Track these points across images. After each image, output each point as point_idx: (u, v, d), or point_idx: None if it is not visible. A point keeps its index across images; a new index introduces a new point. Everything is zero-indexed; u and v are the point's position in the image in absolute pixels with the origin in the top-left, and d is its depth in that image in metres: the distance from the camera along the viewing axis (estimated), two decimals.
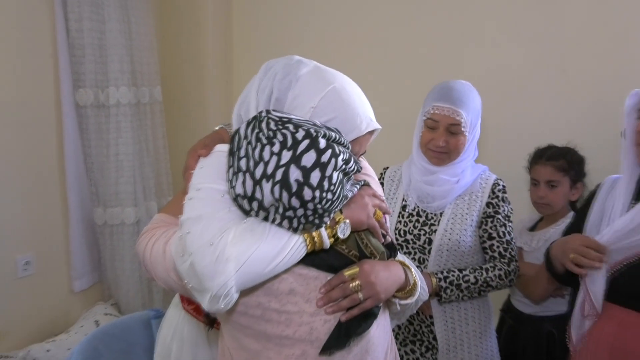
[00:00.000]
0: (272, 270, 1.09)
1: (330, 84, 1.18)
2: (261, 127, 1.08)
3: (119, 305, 2.95)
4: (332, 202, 1.07)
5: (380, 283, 1.20)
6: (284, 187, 1.03)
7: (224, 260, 1.04)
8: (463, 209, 1.92)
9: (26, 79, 2.57)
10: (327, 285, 1.18)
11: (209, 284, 1.04)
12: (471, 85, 1.95)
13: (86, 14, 2.64)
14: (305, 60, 1.24)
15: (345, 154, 1.08)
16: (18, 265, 2.61)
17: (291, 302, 1.16)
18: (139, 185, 2.94)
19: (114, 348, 2.07)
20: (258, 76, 1.23)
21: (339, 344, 1.18)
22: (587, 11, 2.40)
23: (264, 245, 1.07)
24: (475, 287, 1.84)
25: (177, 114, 3.20)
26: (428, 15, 2.72)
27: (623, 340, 1.59)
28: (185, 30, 3.13)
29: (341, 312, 1.18)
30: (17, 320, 2.62)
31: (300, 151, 1.03)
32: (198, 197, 1.13)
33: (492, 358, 2.02)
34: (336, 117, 1.16)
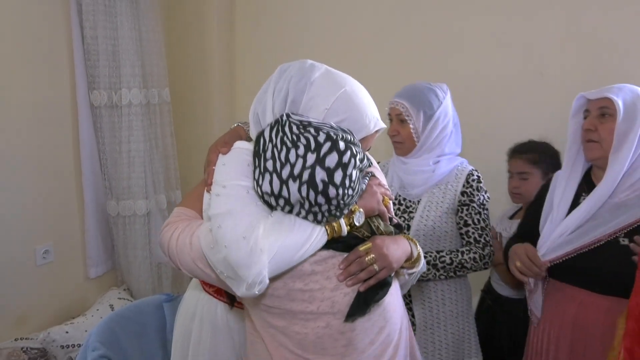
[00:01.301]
0: (299, 258, 1.17)
1: (342, 87, 1.22)
2: (284, 130, 1.14)
3: (131, 290, 3.00)
4: (352, 197, 1.16)
5: (392, 254, 1.29)
6: (310, 186, 1.10)
7: (258, 251, 1.10)
8: (438, 197, 2.00)
9: (45, 82, 2.61)
10: (345, 261, 1.25)
11: (245, 273, 1.10)
12: (438, 86, 2.03)
13: (100, 22, 2.68)
14: (317, 64, 1.27)
15: (360, 153, 1.16)
16: (37, 254, 2.66)
17: (313, 280, 1.22)
18: (149, 180, 2.97)
19: (129, 329, 2.10)
20: (274, 78, 1.26)
21: (360, 311, 1.24)
22: (564, 18, 2.44)
23: (292, 237, 1.14)
24: (450, 267, 1.92)
25: (184, 114, 3.23)
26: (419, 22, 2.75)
27: (583, 317, 1.68)
28: (192, 37, 3.15)
29: (359, 283, 1.25)
30: (37, 305, 2.67)
31: (323, 153, 1.10)
32: (225, 193, 1.18)
33: (469, 338, 2.09)
34: (348, 117, 1.21)
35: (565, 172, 1.84)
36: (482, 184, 2.01)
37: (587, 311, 1.69)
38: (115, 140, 2.86)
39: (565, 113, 2.43)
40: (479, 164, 2.60)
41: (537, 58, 2.52)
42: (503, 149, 2.59)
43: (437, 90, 2.01)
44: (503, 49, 2.57)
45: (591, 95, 1.74)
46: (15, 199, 2.55)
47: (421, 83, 2.04)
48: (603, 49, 2.39)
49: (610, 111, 1.68)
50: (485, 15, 2.59)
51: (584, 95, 1.77)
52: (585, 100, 1.78)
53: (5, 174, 2.50)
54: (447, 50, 2.70)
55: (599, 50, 2.39)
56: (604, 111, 1.70)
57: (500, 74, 2.59)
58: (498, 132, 2.63)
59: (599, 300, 1.67)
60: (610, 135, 1.67)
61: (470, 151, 2.60)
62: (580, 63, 2.44)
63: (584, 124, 1.75)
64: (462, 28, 2.65)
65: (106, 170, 2.89)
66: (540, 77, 2.53)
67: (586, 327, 1.69)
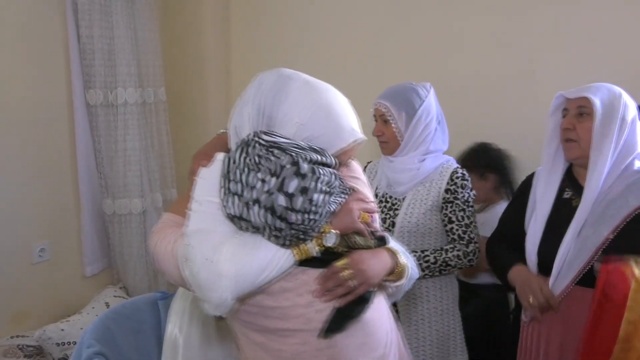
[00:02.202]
0: (263, 280, 1.12)
1: (316, 101, 1.18)
2: (249, 152, 1.10)
3: (127, 288, 2.99)
4: (316, 221, 1.10)
5: (370, 269, 1.22)
6: (270, 211, 1.06)
7: (219, 275, 1.09)
8: (423, 194, 2.01)
9: (41, 81, 2.60)
10: (321, 276, 1.19)
11: (208, 296, 1.11)
12: (420, 85, 2.03)
13: (96, 21, 2.67)
14: (295, 75, 1.23)
15: (326, 176, 1.11)
16: (34, 252, 2.65)
17: (284, 298, 1.18)
18: (145, 178, 2.97)
19: (124, 327, 2.08)
20: (251, 90, 1.22)
21: (337, 327, 1.20)
22: (555, 18, 2.43)
23: (255, 259, 1.11)
24: (435, 266, 1.92)
25: (180, 113, 3.22)
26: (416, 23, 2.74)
27: (573, 311, 1.69)
28: (187, 36, 3.15)
29: (336, 299, 1.20)
30: (34, 303, 2.66)
31: (284, 177, 1.06)
32: (199, 210, 1.16)
33: (455, 336, 2.09)
34: (323, 133, 1.17)
35: (545, 169, 1.84)
36: (468, 182, 2.01)
37: (576, 305, 1.69)
38: (111, 139, 2.85)
39: None
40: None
41: (530, 57, 2.51)
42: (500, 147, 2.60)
43: (419, 90, 2.02)
44: (500, 49, 2.57)
45: (570, 95, 1.74)
46: (12, 197, 2.54)
47: (404, 83, 2.06)
48: (595, 47, 2.38)
49: (588, 110, 1.69)
50: (482, 15, 2.59)
51: (563, 94, 1.77)
52: (564, 99, 1.78)
53: (1, 172, 2.49)
54: (444, 50, 2.70)
55: (591, 49, 2.39)
56: (581, 110, 1.70)
57: (498, 74, 2.59)
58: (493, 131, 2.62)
59: (587, 294, 1.66)
60: (588, 134, 1.68)
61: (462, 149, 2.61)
62: (573, 62, 2.43)
63: (562, 123, 1.76)
64: (459, 28, 2.65)
65: (102, 169, 2.88)
66: (532, 75, 2.52)
67: (576, 320, 1.68)
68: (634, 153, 1.70)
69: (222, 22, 3.19)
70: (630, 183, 1.67)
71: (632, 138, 1.70)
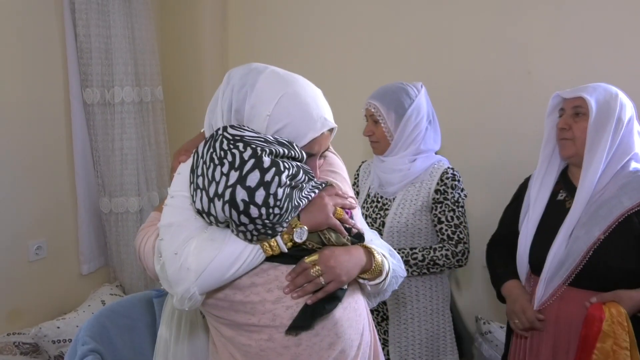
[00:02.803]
0: (232, 276, 1.12)
1: (282, 90, 1.16)
2: (215, 146, 1.08)
3: (123, 286, 2.98)
4: (280, 215, 1.07)
5: (340, 266, 1.20)
6: (232, 206, 1.04)
7: (185, 269, 1.09)
8: (413, 194, 2.01)
9: (38, 79, 2.60)
10: (291, 273, 1.19)
11: (174, 290, 1.12)
12: (411, 85, 2.04)
13: (93, 20, 2.66)
14: (262, 67, 1.22)
15: (291, 169, 1.08)
16: (30, 250, 2.64)
17: (254, 292, 1.17)
18: (142, 177, 2.97)
19: (119, 324, 2.09)
20: (222, 85, 1.22)
21: (304, 324, 1.19)
22: (550, 17, 2.43)
23: (222, 254, 1.10)
24: (422, 264, 1.92)
25: (177, 112, 3.22)
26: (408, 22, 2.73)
27: (565, 312, 1.70)
28: (184, 35, 3.14)
29: (306, 296, 1.19)
30: (30, 301, 2.65)
31: (245, 171, 1.03)
32: (171, 204, 1.16)
33: (445, 336, 2.09)
34: (291, 122, 1.15)
35: (541, 171, 1.86)
36: (458, 182, 2.00)
37: (568, 306, 1.70)
38: (108, 138, 2.84)
39: None
40: (468, 162, 2.61)
41: (525, 57, 2.51)
42: (488, 150, 2.60)
43: (409, 89, 2.02)
44: (495, 48, 2.56)
45: (566, 94, 1.75)
46: (9, 195, 2.54)
47: (395, 83, 2.07)
48: (591, 47, 2.38)
49: (584, 110, 1.70)
50: (478, 14, 2.58)
51: (559, 94, 1.78)
52: (561, 99, 1.79)
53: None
54: (439, 50, 2.69)
55: (587, 49, 2.39)
56: (577, 110, 1.72)
57: (494, 74, 2.58)
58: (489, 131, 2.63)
59: (580, 295, 1.67)
60: (584, 133, 1.69)
61: (459, 150, 2.62)
62: (569, 62, 2.43)
63: (559, 122, 1.77)
64: (454, 27, 2.64)
65: (99, 168, 2.88)
66: (527, 75, 2.52)
67: (568, 322, 1.69)
68: (630, 153, 1.70)
69: (219, 22, 3.18)
70: (624, 184, 1.66)
71: (628, 138, 1.70)
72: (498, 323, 2.62)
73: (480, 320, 2.66)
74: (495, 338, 2.57)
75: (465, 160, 2.62)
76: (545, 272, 1.72)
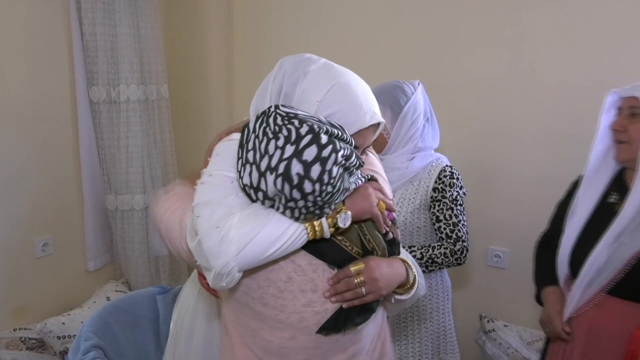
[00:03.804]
0: (272, 254, 1.08)
1: (335, 79, 1.16)
2: (269, 121, 1.07)
3: (129, 283, 2.99)
4: (331, 194, 1.06)
5: (383, 279, 1.19)
6: (285, 179, 1.02)
7: (227, 242, 1.05)
8: (411, 192, 1.98)
9: (45, 78, 2.61)
10: (334, 278, 1.18)
11: (212, 263, 1.06)
12: (407, 83, 2.00)
13: (99, 19, 2.67)
14: (315, 57, 1.22)
15: (346, 150, 1.07)
16: (37, 247, 2.66)
17: (288, 289, 1.16)
18: (147, 174, 2.97)
19: (122, 320, 2.11)
20: (273, 71, 1.23)
21: (335, 328, 1.18)
22: (554, 15, 2.40)
23: (266, 230, 1.06)
24: (421, 262, 1.89)
25: (182, 110, 3.23)
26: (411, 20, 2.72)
27: (600, 321, 1.62)
28: (190, 34, 3.14)
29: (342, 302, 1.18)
30: (36, 297, 2.67)
31: (302, 146, 1.02)
32: (209, 182, 1.14)
33: (445, 335, 2.07)
34: (340, 109, 1.15)
35: (591, 170, 1.73)
36: (457, 180, 1.96)
37: (604, 315, 1.61)
38: (113, 136, 2.85)
39: (557, 109, 2.44)
40: (471, 160, 2.60)
41: (529, 55, 2.49)
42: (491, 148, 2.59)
43: (405, 87, 1.98)
44: (499, 46, 2.55)
45: (622, 93, 1.64)
46: (16, 192, 2.55)
47: (390, 81, 2.02)
48: (596, 44, 2.35)
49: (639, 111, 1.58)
50: (481, 12, 2.56)
51: (615, 91, 1.66)
52: (617, 97, 1.67)
53: (6, 167, 2.50)
54: (441, 48, 2.67)
55: (592, 46, 2.36)
56: (633, 111, 1.60)
57: (497, 72, 2.56)
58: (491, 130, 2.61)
59: (617, 305, 1.59)
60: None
61: (462, 148, 2.61)
62: (575, 60, 2.40)
63: (613, 124, 1.66)
64: (456, 25, 2.62)
65: (105, 165, 2.88)
66: (532, 74, 2.49)
67: (601, 331, 1.61)
68: None
69: (224, 20, 3.18)
70: None
71: None
72: (502, 321, 2.62)
73: (484, 318, 2.65)
74: (499, 336, 2.56)
75: (469, 158, 2.62)
76: (582, 275, 1.61)
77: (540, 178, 2.51)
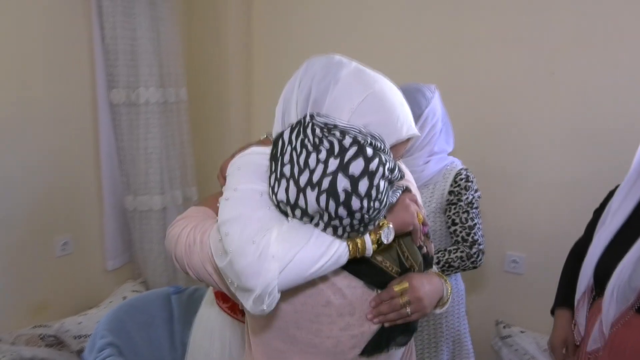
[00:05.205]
0: (314, 273, 0.99)
1: (371, 87, 1.06)
2: (306, 133, 0.97)
3: (147, 283, 3.01)
4: (379, 210, 0.98)
5: (427, 298, 1.15)
6: (331, 196, 0.93)
7: (269, 257, 0.95)
8: (426, 196, 1.96)
9: (66, 80, 2.64)
10: (377, 298, 1.12)
11: (252, 283, 0.94)
12: (426, 87, 1.98)
13: (119, 23, 2.69)
14: (346, 60, 1.12)
15: (390, 162, 0.98)
16: (57, 246, 2.68)
17: (325, 313, 1.09)
18: (166, 176, 2.98)
19: (137, 319, 2.13)
20: (299, 73, 1.12)
21: (379, 349, 1.14)
22: (575, 17, 2.36)
23: (308, 247, 0.97)
24: (437, 267, 1.87)
25: (201, 112, 3.24)
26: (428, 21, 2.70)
27: (622, 338, 1.52)
28: (209, 37, 3.16)
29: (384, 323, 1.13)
30: (56, 295, 2.70)
31: (348, 159, 0.93)
32: (235, 197, 1.02)
33: (460, 339, 2.05)
34: (376, 120, 1.04)
35: (630, 180, 1.64)
36: (472, 184, 1.94)
37: (630, 334, 1.51)
38: (133, 138, 2.87)
39: (576, 112, 2.39)
40: (487, 164, 2.57)
41: (549, 57, 2.45)
42: (510, 151, 2.55)
43: (425, 91, 1.97)
44: (517, 48, 2.51)
45: None
46: (37, 192, 2.58)
47: (409, 84, 2.00)
48: (616, 45, 2.30)
49: None
50: (498, 12, 2.53)
51: None
52: None
53: (28, 168, 2.53)
54: (458, 49, 2.65)
55: (611, 48, 2.31)
56: None
57: (515, 74, 2.52)
58: (509, 133, 2.58)
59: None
60: None
61: (478, 151, 2.57)
62: (595, 62, 2.36)
63: None
64: (473, 26, 2.60)
65: (124, 167, 2.90)
66: (551, 76, 2.45)
67: (624, 350, 1.52)
68: None
69: (243, 24, 3.20)
70: None
71: None
72: (518, 327, 2.57)
73: (500, 324, 2.61)
74: (515, 342, 2.51)
75: (486, 161, 2.58)
76: (609, 291, 1.53)
77: (558, 182, 2.47)
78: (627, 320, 1.52)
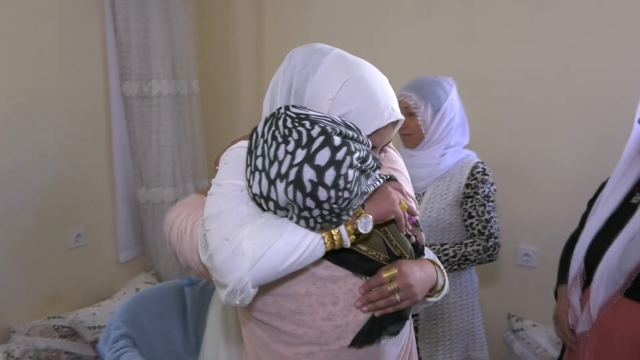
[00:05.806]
0: (288, 268, 0.99)
1: (349, 74, 1.05)
2: (278, 124, 0.97)
3: (159, 274, 3.02)
4: (349, 200, 0.95)
5: (418, 284, 1.11)
6: (297, 187, 0.92)
7: (240, 255, 0.95)
8: (442, 189, 1.96)
9: (79, 73, 2.64)
10: (365, 285, 1.09)
11: (226, 279, 0.96)
12: (444, 79, 1.98)
13: (132, 15, 2.69)
14: (326, 48, 1.11)
15: (362, 152, 0.97)
16: (70, 238, 2.70)
17: (306, 304, 1.08)
18: (178, 168, 2.99)
19: (151, 311, 2.13)
20: (283, 65, 1.13)
21: (370, 339, 1.11)
22: (588, 10, 2.34)
23: (281, 241, 0.97)
24: (454, 260, 1.87)
25: (213, 105, 3.23)
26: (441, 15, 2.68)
27: (612, 322, 1.57)
28: (221, 30, 3.15)
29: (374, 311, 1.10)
30: (70, 286, 2.72)
31: (314, 149, 0.92)
32: (217, 192, 1.04)
33: (474, 332, 2.05)
34: (355, 108, 1.04)
35: (620, 170, 1.70)
36: (489, 177, 1.94)
37: (618, 317, 1.57)
38: (145, 130, 2.87)
39: (589, 106, 2.37)
40: (501, 158, 2.55)
41: (562, 51, 2.42)
42: (524, 144, 2.53)
43: (444, 83, 1.96)
44: (530, 42, 2.49)
45: None
46: (51, 185, 2.60)
47: (428, 76, 2.00)
48: (631, 39, 2.27)
49: None
50: (511, 6, 2.51)
51: None
52: None
53: (42, 160, 2.55)
54: (471, 44, 2.62)
55: (626, 41, 2.28)
56: None
57: (528, 68, 2.50)
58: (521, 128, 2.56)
59: (634, 308, 1.55)
60: None
61: (492, 144, 2.55)
62: (609, 56, 2.33)
63: None
64: (486, 21, 2.57)
65: (136, 159, 2.91)
66: (564, 70, 2.42)
67: (613, 333, 1.57)
68: None
69: (255, 17, 3.19)
70: None
71: None
72: (530, 320, 2.56)
73: (512, 317, 2.61)
74: (528, 336, 2.50)
75: (499, 155, 2.57)
76: (598, 275, 1.58)
77: (571, 176, 2.45)
78: (615, 304, 1.56)
